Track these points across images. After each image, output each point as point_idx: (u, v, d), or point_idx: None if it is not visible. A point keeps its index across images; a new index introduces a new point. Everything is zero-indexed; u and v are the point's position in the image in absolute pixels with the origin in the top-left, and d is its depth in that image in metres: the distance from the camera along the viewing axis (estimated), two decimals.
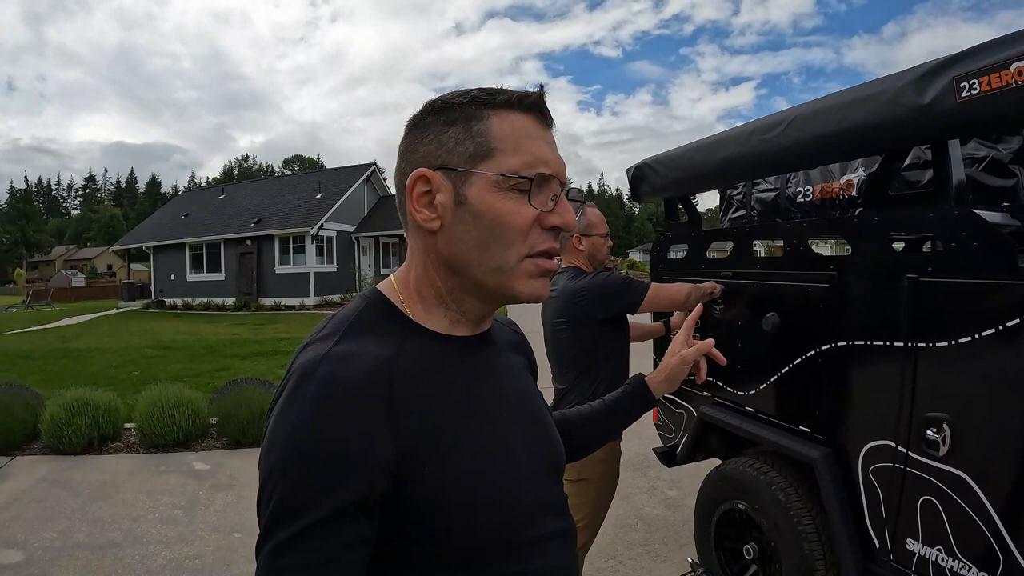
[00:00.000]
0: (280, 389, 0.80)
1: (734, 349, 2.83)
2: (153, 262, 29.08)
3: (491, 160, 0.83)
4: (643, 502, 4.55)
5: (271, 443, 0.74)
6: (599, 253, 2.80)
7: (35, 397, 6.58)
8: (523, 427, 0.94)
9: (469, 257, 0.85)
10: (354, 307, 0.90)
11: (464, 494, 0.80)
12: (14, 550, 4.04)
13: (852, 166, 2.96)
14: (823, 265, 2.31)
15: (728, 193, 3.91)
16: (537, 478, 0.93)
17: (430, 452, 0.78)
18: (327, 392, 0.74)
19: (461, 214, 0.84)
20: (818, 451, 2.27)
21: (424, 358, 0.84)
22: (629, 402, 1.34)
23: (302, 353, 0.83)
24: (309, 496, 0.71)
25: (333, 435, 0.72)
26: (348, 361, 0.77)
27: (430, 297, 0.90)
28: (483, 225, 0.83)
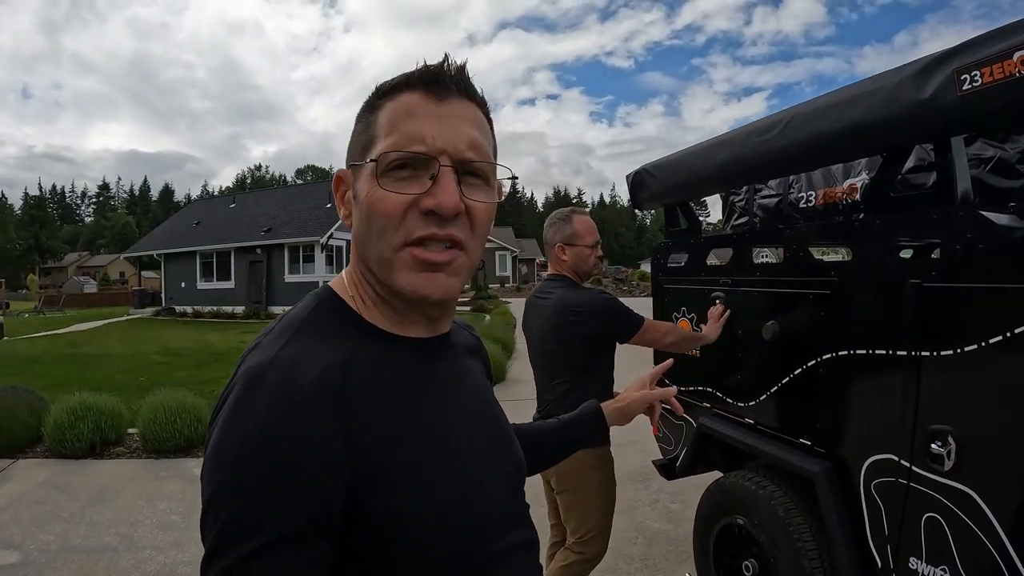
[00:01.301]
0: (225, 394, 0.74)
1: (734, 359, 2.77)
2: (164, 269, 29.34)
3: (372, 148, 0.80)
4: (644, 515, 4.49)
5: (217, 457, 0.69)
6: (584, 264, 2.72)
7: (40, 401, 6.62)
8: (484, 436, 0.90)
9: (363, 249, 0.83)
10: (304, 306, 0.85)
11: (426, 507, 0.75)
12: (10, 551, 4.06)
13: (855, 169, 2.89)
14: (824, 271, 2.25)
15: (731, 200, 3.85)
16: (500, 488, 0.88)
17: (387, 464, 0.73)
18: (275, 404, 0.69)
19: (356, 207, 0.83)
20: (818, 465, 2.20)
21: (378, 363, 0.79)
22: (583, 426, 1.33)
23: (249, 356, 0.78)
24: (260, 515, 0.65)
25: (283, 451, 0.67)
26: (296, 368, 0.72)
27: (369, 292, 0.85)
28: (364, 215, 0.80)
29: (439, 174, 0.77)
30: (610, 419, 1.34)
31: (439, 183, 0.77)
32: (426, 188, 0.77)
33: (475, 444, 0.86)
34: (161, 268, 29.85)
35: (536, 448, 1.23)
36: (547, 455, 1.30)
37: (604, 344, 2.65)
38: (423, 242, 0.78)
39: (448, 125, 0.79)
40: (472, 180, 0.81)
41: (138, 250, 32.88)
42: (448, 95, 0.80)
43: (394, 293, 0.82)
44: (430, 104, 0.79)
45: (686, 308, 3.21)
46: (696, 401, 3.11)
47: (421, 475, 0.76)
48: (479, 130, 0.82)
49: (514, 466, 0.96)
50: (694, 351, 3.06)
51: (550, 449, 1.30)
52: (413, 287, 0.79)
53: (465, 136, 0.80)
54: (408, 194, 0.77)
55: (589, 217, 2.78)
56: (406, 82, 0.80)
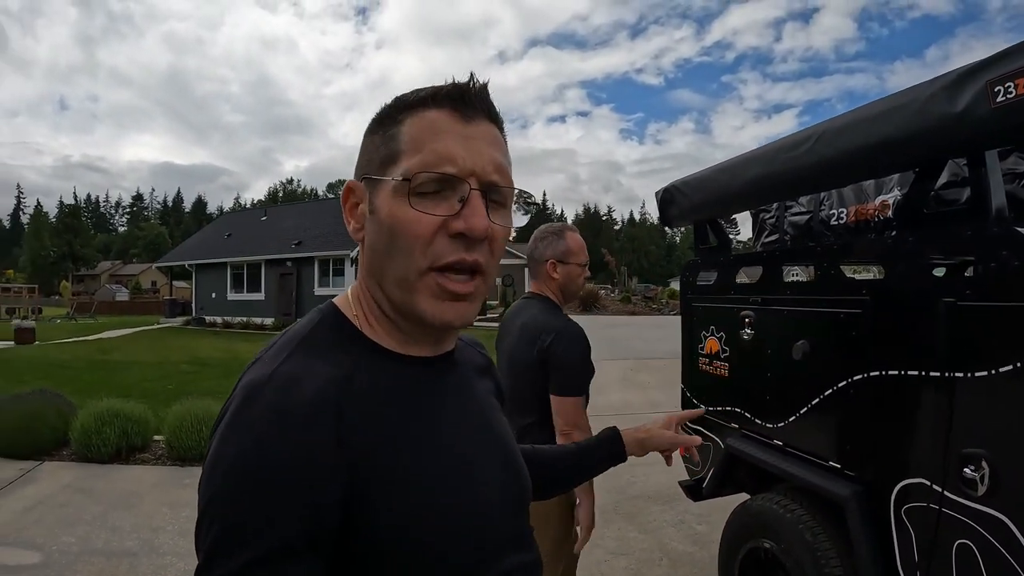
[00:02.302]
0: (225, 408, 0.75)
1: (763, 378, 2.72)
2: (195, 280, 29.81)
3: (397, 164, 0.78)
4: (669, 536, 4.43)
5: (213, 469, 0.69)
6: (573, 283, 2.57)
7: (68, 405, 6.73)
8: (487, 455, 0.88)
9: (380, 267, 0.81)
10: (307, 322, 0.84)
11: (421, 525, 0.74)
12: (32, 552, 4.13)
13: (888, 186, 2.84)
14: (855, 290, 2.20)
15: (760, 217, 3.81)
16: (502, 511, 0.87)
17: (384, 481, 0.73)
18: (271, 418, 0.69)
19: (373, 223, 0.81)
20: (848, 489, 2.14)
21: (379, 381, 0.78)
22: (601, 452, 1.31)
23: (249, 371, 0.78)
24: (253, 528, 0.65)
25: (277, 465, 0.67)
26: (295, 384, 0.72)
27: (374, 310, 0.84)
28: (385, 233, 0.79)
29: (469, 197, 0.77)
30: (628, 448, 1.32)
31: (469, 206, 0.77)
32: (455, 210, 0.77)
33: (476, 463, 0.85)
34: (192, 278, 30.33)
35: (547, 471, 1.22)
36: (561, 479, 1.30)
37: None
38: (449, 268, 0.78)
39: (475, 147, 0.78)
40: (495, 203, 0.81)
41: (170, 260, 33.48)
42: (474, 115, 0.80)
43: (406, 314, 0.81)
44: (457, 124, 0.79)
45: (715, 327, 3.16)
46: (724, 421, 3.05)
47: (418, 492, 0.75)
48: (502, 153, 0.82)
49: (518, 488, 0.94)
50: (721, 371, 3.02)
51: (563, 473, 1.29)
52: (435, 314, 0.79)
53: (492, 159, 0.79)
54: (438, 216, 0.76)
55: (578, 235, 2.65)
56: (432, 98, 0.79)
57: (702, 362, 3.26)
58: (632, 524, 4.66)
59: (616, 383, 10.73)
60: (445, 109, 0.79)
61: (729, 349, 3.00)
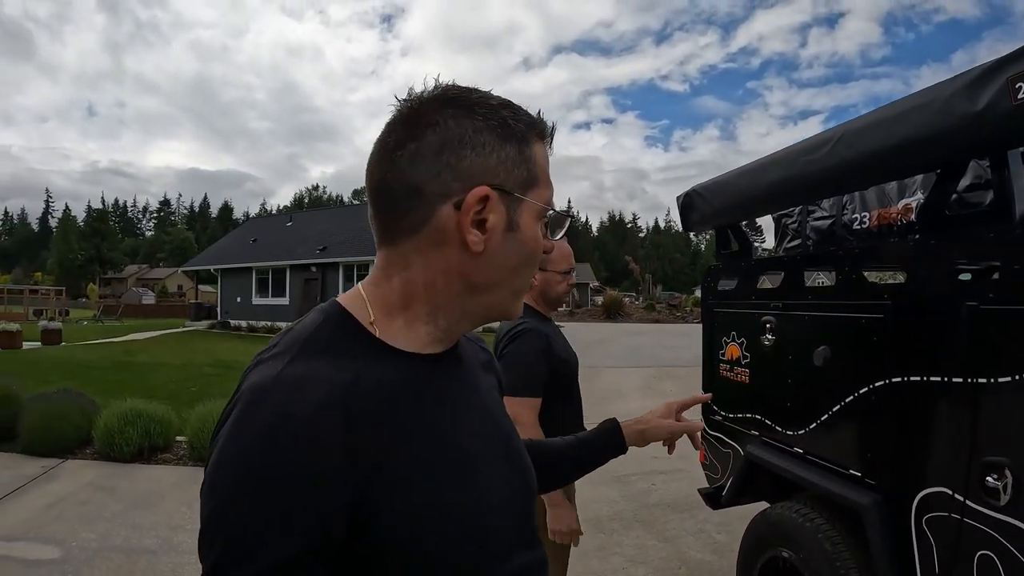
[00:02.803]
0: (227, 411, 0.73)
1: (783, 385, 2.68)
2: (220, 284, 30.16)
3: (536, 189, 0.83)
4: (688, 545, 4.38)
5: (217, 475, 0.68)
6: (552, 289, 2.56)
7: (92, 405, 6.82)
8: (494, 453, 0.88)
9: (500, 280, 0.83)
10: (311, 322, 0.82)
11: (431, 527, 0.73)
12: (52, 547, 4.18)
13: (911, 189, 2.79)
14: (877, 295, 2.16)
15: (783, 222, 3.77)
16: (509, 507, 0.86)
17: (391, 487, 0.71)
18: (277, 425, 0.67)
19: (509, 240, 0.81)
20: (868, 497, 2.10)
21: (385, 382, 0.76)
22: (600, 444, 1.31)
23: (252, 372, 0.77)
24: (261, 538, 0.64)
25: (284, 473, 0.65)
26: (301, 388, 0.70)
27: (420, 314, 0.83)
28: (524, 252, 0.83)
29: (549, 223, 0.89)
30: (628, 439, 1.32)
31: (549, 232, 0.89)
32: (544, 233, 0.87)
33: (484, 461, 0.84)
34: (218, 283, 30.72)
35: (550, 466, 1.22)
36: (562, 473, 1.31)
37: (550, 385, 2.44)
38: None
39: None
40: None
41: (196, 264, 33.93)
42: None
43: (490, 317, 0.89)
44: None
45: (735, 333, 3.12)
46: (744, 428, 3.02)
47: (425, 492, 0.74)
48: None
49: (524, 484, 0.93)
50: (742, 377, 2.98)
51: (565, 467, 1.30)
52: (518, 311, 0.89)
53: None
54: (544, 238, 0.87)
55: (565, 243, 2.61)
56: (544, 132, 0.86)
57: (723, 368, 3.22)
58: (650, 532, 4.61)
59: (637, 391, 10.68)
60: (547, 145, 0.87)
61: (750, 355, 2.97)
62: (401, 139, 0.79)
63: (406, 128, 0.79)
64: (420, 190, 0.78)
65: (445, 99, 0.80)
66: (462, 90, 0.82)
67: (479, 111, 0.79)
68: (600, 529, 4.64)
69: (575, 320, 33.74)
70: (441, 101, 0.80)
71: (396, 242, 0.82)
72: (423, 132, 0.78)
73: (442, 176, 0.77)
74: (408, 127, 0.79)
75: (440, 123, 0.78)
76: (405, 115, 0.80)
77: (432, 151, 0.78)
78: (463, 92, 0.81)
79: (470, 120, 0.78)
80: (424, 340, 0.83)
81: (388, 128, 0.82)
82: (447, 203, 0.77)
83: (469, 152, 0.78)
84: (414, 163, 0.78)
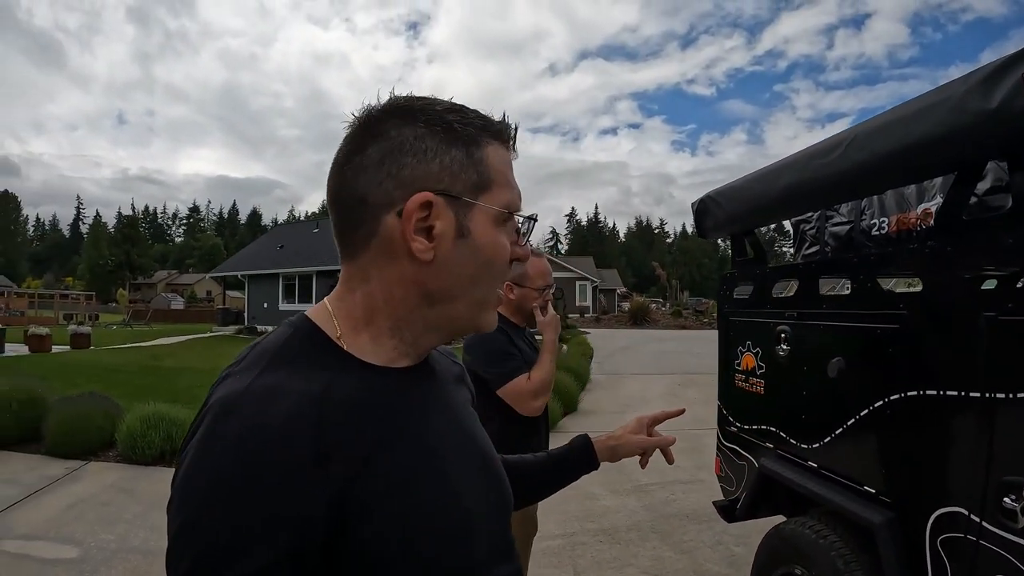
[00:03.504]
0: (196, 424, 0.72)
1: (798, 397, 2.61)
2: (248, 290, 30.53)
3: (489, 192, 0.81)
4: (705, 557, 4.30)
5: (187, 491, 0.66)
6: (527, 305, 2.59)
7: (116, 408, 6.93)
8: (471, 466, 0.87)
9: (458, 290, 0.82)
10: (279, 335, 0.80)
11: (409, 546, 0.72)
12: (71, 546, 4.25)
13: (930, 193, 2.70)
14: (891, 303, 2.08)
15: (801, 228, 3.68)
16: (487, 522, 0.85)
17: (369, 496, 0.70)
18: (247, 437, 0.66)
19: (461, 246, 0.79)
20: (881, 515, 2.02)
21: (358, 394, 0.75)
22: (573, 460, 1.31)
23: (220, 386, 0.75)
24: (232, 549, 0.63)
25: (257, 484, 0.64)
26: (271, 399, 0.69)
27: (383, 327, 0.81)
28: (481, 259, 0.81)
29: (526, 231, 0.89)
30: (601, 455, 1.32)
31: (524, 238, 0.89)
32: (514, 239, 0.86)
33: (461, 474, 0.83)
34: (245, 288, 31.07)
35: (523, 481, 1.19)
36: (535, 489, 1.29)
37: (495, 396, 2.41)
38: None
39: None
40: None
41: (224, 270, 34.36)
42: None
43: (459, 330, 0.87)
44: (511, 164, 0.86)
45: (751, 342, 3.05)
46: (759, 441, 2.94)
47: (405, 506, 0.73)
48: None
49: (500, 498, 0.92)
50: (757, 388, 2.91)
51: (538, 483, 1.29)
52: (491, 323, 0.88)
53: None
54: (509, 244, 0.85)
55: (546, 261, 2.70)
56: (501, 133, 0.84)
57: (738, 378, 3.16)
58: (667, 543, 4.53)
59: (661, 398, 10.58)
60: (506, 147, 0.85)
61: (765, 365, 2.90)
62: (349, 152, 0.80)
63: (354, 141, 0.80)
64: (365, 200, 0.78)
65: (390, 109, 0.80)
66: (408, 99, 0.82)
67: (421, 117, 0.79)
68: (616, 540, 4.59)
69: (601, 326, 33.70)
70: (386, 112, 0.80)
71: (355, 255, 0.82)
72: (367, 143, 0.79)
73: (383, 185, 0.77)
74: (355, 140, 0.80)
75: (382, 133, 0.78)
76: (355, 128, 0.81)
77: (374, 161, 0.78)
78: (408, 100, 0.82)
79: (412, 127, 0.78)
80: (391, 354, 0.82)
81: (343, 141, 0.82)
82: (390, 212, 0.77)
83: (410, 159, 0.77)
84: (358, 175, 0.79)
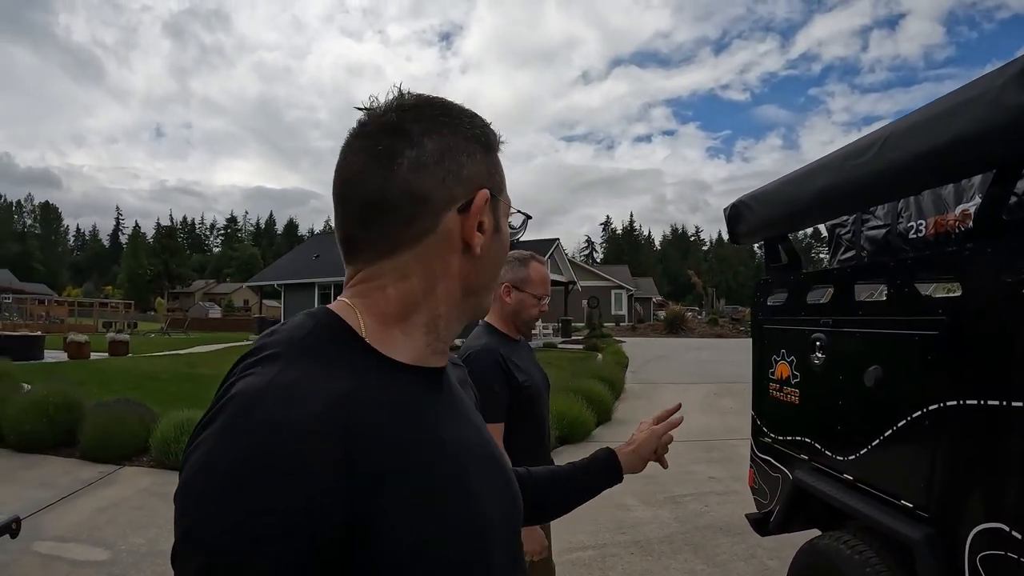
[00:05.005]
0: (211, 416, 0.67)
1: (834, 407, 2.52)
2: (284, 299, 31.00)
3: (504, 192, 0.87)
4: (738, 571, 4.22)
5: (200, 484, 0.63)
6: (525, 312, 2.46)
7: (150, 414, 7.06)
8: (487, 475, 0.84)
9: (489, 281, 0.87)
10: (300, 326, 0.77)
11: (432, 555, 0.70)
12: (101, 549, 4.33)
13: (968, 193, 2.59)
14: (930, 309, 2.00)
15: (836, 233, 3.59)
16: (503, 533, 0.83)
17: (391, 508, 0.67)
18: (270, 438, 0.62)
19: (496, 240, 0.84)
20: (919, 531, 1.93)
21: (384, 394, 0.72)
22: (595, 471, 1.30)
23: (240, 379, 0.70)
24: (247, 554, 0.59)
25: (279, 486, 0.60)
26: (296, 397, 0.65)
27: (418, 324, 0.80)
28: (504, 251, 0.88)
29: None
30: (625, 465, 1.32)
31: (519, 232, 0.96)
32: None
33: (481, 482, 0.80)
34: (282, 298, 31.57)
35: (539, 496, 1.18)
36: (555, 503, 1.27)
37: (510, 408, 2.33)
38: None
39: None
40: None
41: (261, 280, 34.92)
42: None
43: (477, 316, 0.90)
44: None
45: (785, 351, 2.96)
46: (793, 452, 2.85)
47: (429, 515, 0.70)
48: None
49: (514, 506, 0.91)
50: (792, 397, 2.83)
51: (558, 497, 1.27)
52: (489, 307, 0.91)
53: None
54: None
55: (546, 269, 2.57)
56: (499, 141, 0.87)
57: (772, 388, 3.07)
58: (699, 556, 4.45)
59: (697, 407, 10.42)
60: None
61: (800, 374, 2.81)
62: (396, 148, 0.77)
63: (397, 137, 0.78)
64: (426, 198, 0.77)
65: (430, 106, 0.81)
66: (439, 99, 0.84)
67: (463, 120, 0.82)
68: (648, 552, 4.52)
69: (637, 335, 33.51)
70: (426, 109, 0.81)
71: (392, 252, 0.79)
72: (421, 140, 0.78)
73: (447, 182, 0.78)
74: (399, 136, 0.78)
75: (435, 131, 0.79)
76: (392, 124, 0.79)
77: (434, 159, 0.78)
78: (442, 101, 0.83)
79: (460, 129, 0.81)
80: (422, 351, 0.80)
81: (369, 138, 0.79)
82: (451, 209, 0.78)
83: (465, 158, 0.80)
84: (417, 171, 0.77)
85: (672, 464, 1.45)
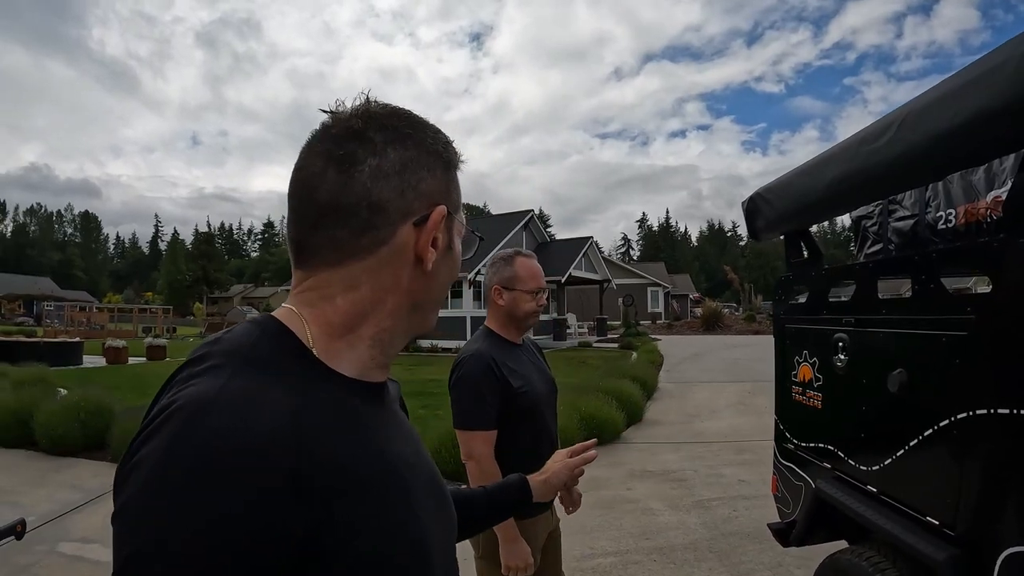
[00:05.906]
0: (154, 426, 0.63)
1: (858, 412, 2.36)
2: None
3: (460, 211, 0.87)
4: None
5: (152, 511, 0.58)
6: (519, 309, 2.38)
7: None
8: (428, 493, 0.84)
9: (436, 298, 0.86)
10: (245, 334, 0.74)
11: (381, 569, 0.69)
12: None
13: (1000, 178, 2.38)
14: (958, 307, 1.82)
15: (863, 225, 3.38)
16: (442, 550, 0.83)
17: (343, 522, 0.65)
18: (223, 450, 0.59)
19: (447, 258, 0.84)
20: (945, 552, 1.76)
21: (334, 409, 0.71)
22: (507, 497, 1.33)
23: (185, 387, 0.66)
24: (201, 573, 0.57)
25: (233, 506, 0.58)
26: (247, 409, 0.63)
27: (365, 336, 0.79)
28: (454, 271, 0.87)
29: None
30: (536, 493, 1.34)
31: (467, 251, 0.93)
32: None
33: (422, 500, 0.79)
34: None
35: (465, 511, 1.15)
36: (472, 522, 1.27)
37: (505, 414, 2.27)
38: None
39: None
40: None
41: None
42: None
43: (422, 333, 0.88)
44: None
45: (807, 352, 2.79)
46: (816, 459, 2.68)
47: (379, 529, 0.70)
48: None
49: (450, 522, 0.92)
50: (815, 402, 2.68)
51: (476, 516, 1.27)
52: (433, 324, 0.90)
53: None
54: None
55: (535, 262, 2.47)
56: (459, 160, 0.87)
57: (795, 391, 2.91)
58: (724, 564, 4.29)
59: (730, 407, 10.22)
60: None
61: (822, 377, 2.64)
62: (359, 155, 0.77)
63: (361, 144, 0.77)
64: (384, 208, 0.77)
65: (396, 117, 0.81)
66: (406, 111, 0.83)
67: (427, 134, 0.82)
68: (671, 559, 4.38)
69: (673, 332, 33.32)
70: (392, 119, 0.80)
71: (342, 261, 0.78)
72: (384, 149, 0.78)
73: (406, 195, 0.78)
74: (363, 143, 0.77)
75: (399, 142, 0.79)
76: (356, 130, 0.78)
77: (395, 169, 0.78)
78: (408, 113, 0.83)
79: (424, 143, 0.81)
80: (367, 365, 0.80)
81: (332, 141, 0.78)
82: (407, 221, 0.78)
83: (426, 173, 0.80)
84: (377, 180, 0.77)
85: (702, 467, 1.37)
